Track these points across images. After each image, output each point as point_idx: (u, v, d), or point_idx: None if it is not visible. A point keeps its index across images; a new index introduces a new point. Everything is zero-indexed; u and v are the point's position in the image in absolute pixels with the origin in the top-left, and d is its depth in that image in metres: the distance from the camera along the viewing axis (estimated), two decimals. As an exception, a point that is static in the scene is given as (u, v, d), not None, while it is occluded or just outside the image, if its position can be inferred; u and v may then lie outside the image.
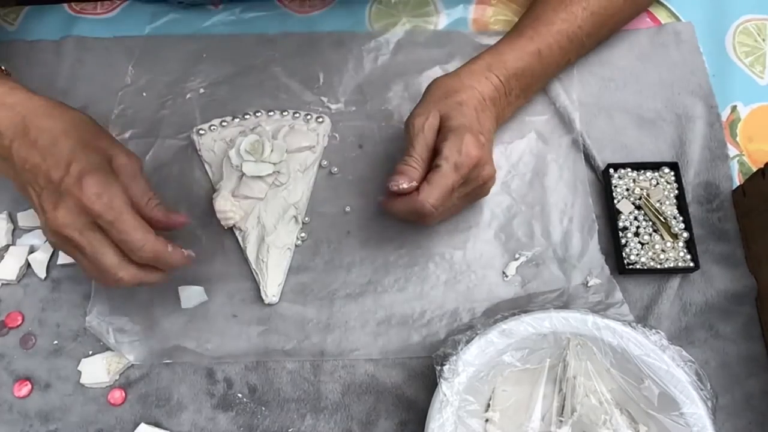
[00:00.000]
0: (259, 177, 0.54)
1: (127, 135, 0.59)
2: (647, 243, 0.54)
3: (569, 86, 0.60)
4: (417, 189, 0.48)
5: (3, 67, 0.51)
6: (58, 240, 0.44)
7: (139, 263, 0.45)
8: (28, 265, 0.54)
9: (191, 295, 0.53)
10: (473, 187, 0.50)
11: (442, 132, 0.49)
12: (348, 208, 0.56)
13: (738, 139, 0.59)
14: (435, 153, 0.49)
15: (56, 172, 0.43)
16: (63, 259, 0.54)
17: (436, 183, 0.47)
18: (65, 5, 0.65)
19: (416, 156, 0.49)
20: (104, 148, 0.46)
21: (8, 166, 0.45)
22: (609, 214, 0.55)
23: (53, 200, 0.43)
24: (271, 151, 0.55)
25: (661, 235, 0.54)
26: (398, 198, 0.48)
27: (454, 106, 0.49)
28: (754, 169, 0.57)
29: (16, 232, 0.56)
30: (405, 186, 0.47)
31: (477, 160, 0.48)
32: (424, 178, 0.48)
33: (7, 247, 0.55)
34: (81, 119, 0.47)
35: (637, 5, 0.59)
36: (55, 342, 0.52)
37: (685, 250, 0.53)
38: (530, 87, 0.55)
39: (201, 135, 0.58)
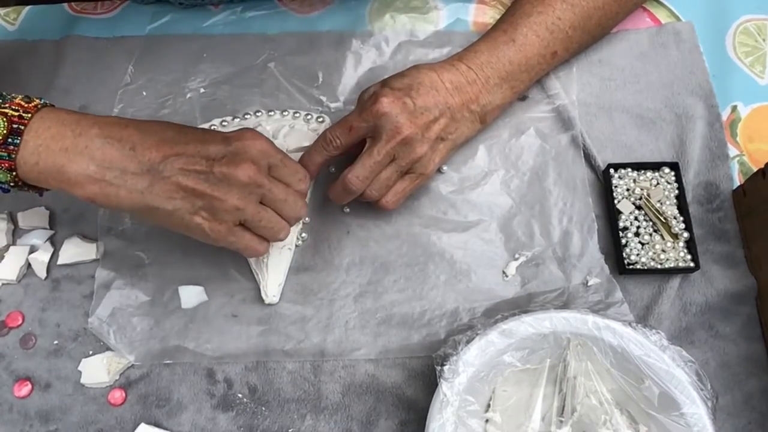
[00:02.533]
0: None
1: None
2: (647, 243, 0.53)
3: (569, 85, 0.60)
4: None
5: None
6: (245, 200, 0.44)
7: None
8: (28, 265, 0.54)
9: (191, 295, 0.53)
10: (406, 164, 0.50)
11: None
12: (347, 209, 0.56)
13: (738, 139, 0.59)
14: None
15: (215, 145, 0.44)
16: (63, 259, 0.54)
17: (360, 159, 0.50)
18: (65, 5, 0.65)
19: (341, 124, 0.51)
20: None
21: (134, 176, 0.42)
22: (609, 214, 0.55)
23: (235, 160, 0.44)
24: (272, 151, 0.55)
25: (662, 235, 0.54)
26: (333, 183, 0.52)
27: (395, 78, 0.51)
28: (755, 169, 0.56)
29: (17, 232, 0.56)
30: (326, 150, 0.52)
31: (384, 114, 0.49)
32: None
33: (7, 247, 0.54)
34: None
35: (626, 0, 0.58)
36: (56, 342, 0.52)
37: (686, 250, 0.53)
38: (512, 75, 0.54)
39: (201, 135, 0.58)
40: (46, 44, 0.62)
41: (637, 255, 0.53)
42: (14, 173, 0.42)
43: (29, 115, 0.42)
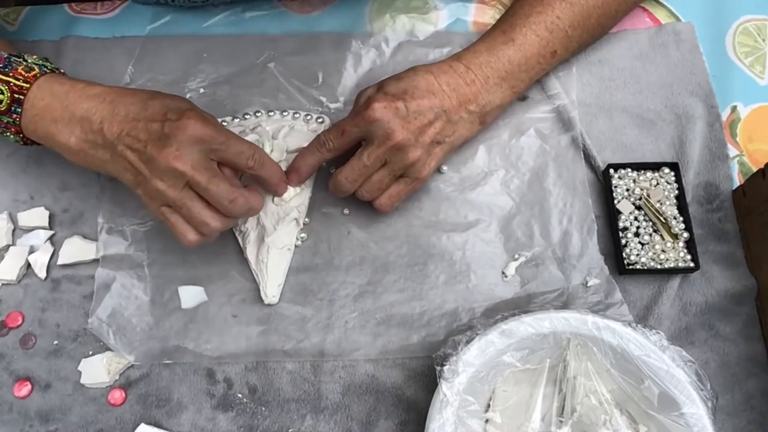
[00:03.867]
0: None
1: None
2: (647, 243, 0.53)
3: (568, 85, 0.60)
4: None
5: (62, 70, 0.52)
6: (168, 183, 0.45)
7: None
8: (28, 265, 0.54)
9: (191, 295, 0.53)
10: (399, 168, 0.50)
11: None
12: (347, 210, 0.56)
13: (738, 139, 0.58)
14: None
15: (156, 123, 0.45)
16: (63, 259, 0.54)
17: (351, 161, 0.50)
18: (65, 5, 0.65)
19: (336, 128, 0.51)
20: (188, 103, 0.49)
21: (101, 148, 0.47)
22: (609, 214, 0.55)
23: (160, 144, 0.45)
24: (271, 150, 0.55)
25: (662, 236, 0.54)
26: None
27: (391, 81, 0.51)
28: (754, 169, 0.56)
29: (16, 232, 0.56)
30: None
31: (375, 120, 0.49)
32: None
33: (7, 247, 0.54)
34: (156, 91, 0.50)
35: None
36: (55, 342, 0.52)
37: (686, 251, 0.53)
38: (512, 75, 0.54)
39: (201, 135, 0.58)
40: (46, 44, 0.62)
41: (637, 255, 0.53)
42: (21, 135, 0.50)
43: (28, 85, 0.48)
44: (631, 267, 0.53)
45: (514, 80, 0.54)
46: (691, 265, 0.53)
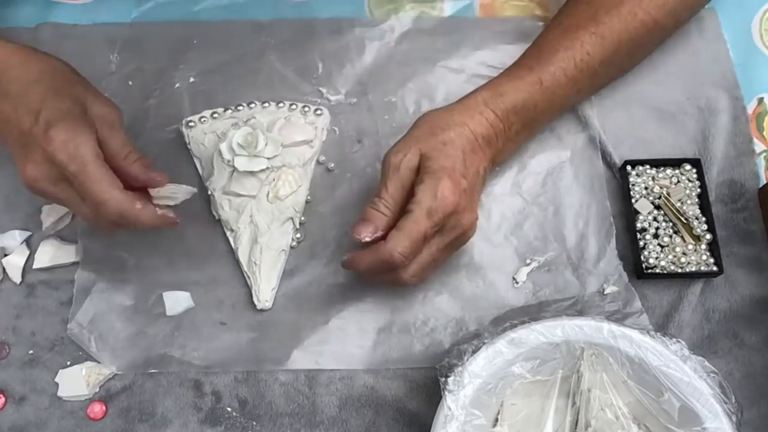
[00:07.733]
0: (252, 173, 0.54)
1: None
2: (667, 245, 0.53)
3: None
4: (384, 237, 0.46)
5: None
6: (36, 193, 0.46)
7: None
8: (3, 269, 0.54)
9: (177, 301, 0.53)
10: (453, 238, 0.48)
11: (420, 173, 0.47)
12: (346, 208, 0.56)
13: (765, 133, 0.59)
14: (410, 196, 0.47)
15: (26, 122, 0.44)
16: (39, 263, 0.54)
17: (406, 229, 0.45)
18: (41, -11, 0.65)
19: (387, 198, 0.47)
20: (79, 95, 0.46)
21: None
22: (626, 214, 0.55)
23: (23, 152, 0.44)
24: (266, 144, 0.55)
25: (682, 237, 0.54)
26: (363, 251, 0.47)
27: (437, 145, 0.48)
28: (782, 166, 0.57)
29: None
30: (368, 238, 0.46)
31: (453, 206, 0.46)
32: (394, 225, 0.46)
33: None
34: (55, 66, 0.47)
35: (659, 28, 0.55)
36: (30, 351, 0.52)
37: (708, 253, 0.53)
38: (534, 121, 0.53)
39: (191, 127, 0.58)
40: (21, 32, 0.62)
41: (656, 258, 0.53)
42: None
43: None
44: (649, 271, 0.53)
45: (535, 126, 0.55)
46: (714, 268, 0.53)
